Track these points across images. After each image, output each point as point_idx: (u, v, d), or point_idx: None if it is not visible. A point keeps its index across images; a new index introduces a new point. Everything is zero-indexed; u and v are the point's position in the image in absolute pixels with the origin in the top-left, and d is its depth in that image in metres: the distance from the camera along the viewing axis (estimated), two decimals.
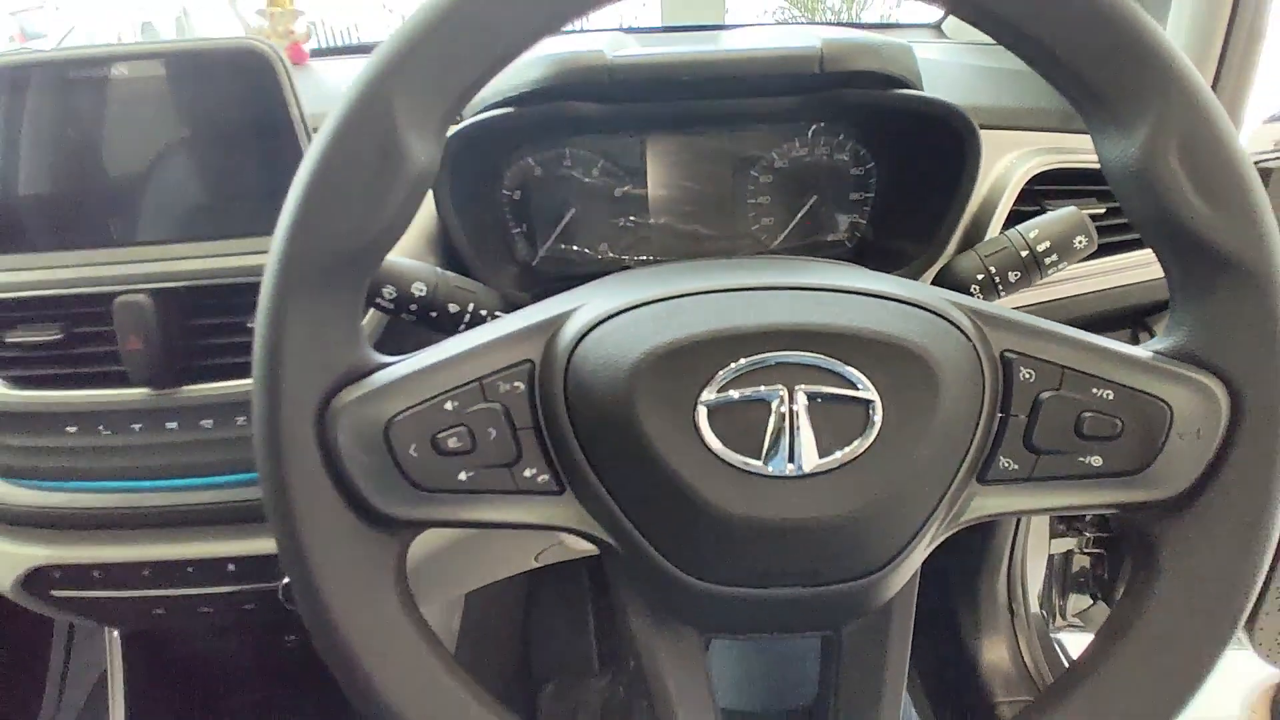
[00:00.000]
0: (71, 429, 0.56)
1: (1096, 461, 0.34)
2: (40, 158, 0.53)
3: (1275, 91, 0.94)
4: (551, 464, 0.34)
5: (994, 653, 1.09)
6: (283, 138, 0.52)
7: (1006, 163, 0.61)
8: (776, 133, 0.64)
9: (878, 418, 0.32)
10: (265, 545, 0.60)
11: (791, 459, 0.32)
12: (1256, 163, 0.75)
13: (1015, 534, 1.07)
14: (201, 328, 0.55)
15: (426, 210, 0.57)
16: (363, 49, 0.96)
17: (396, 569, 0.34)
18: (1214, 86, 0.64)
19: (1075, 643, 1.19)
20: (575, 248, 0.65)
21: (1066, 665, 1.13)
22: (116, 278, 0.53)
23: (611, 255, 0.66)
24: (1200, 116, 0.31)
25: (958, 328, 0.34)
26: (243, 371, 0.55)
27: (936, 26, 0.95)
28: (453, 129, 0.54)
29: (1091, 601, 1.17)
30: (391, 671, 0.33)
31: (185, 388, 0.55)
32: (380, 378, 0.33)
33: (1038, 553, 1.11)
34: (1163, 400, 0.33)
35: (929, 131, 0.58)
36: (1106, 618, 0.37)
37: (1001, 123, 0.62)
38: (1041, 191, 0.60)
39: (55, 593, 0.62)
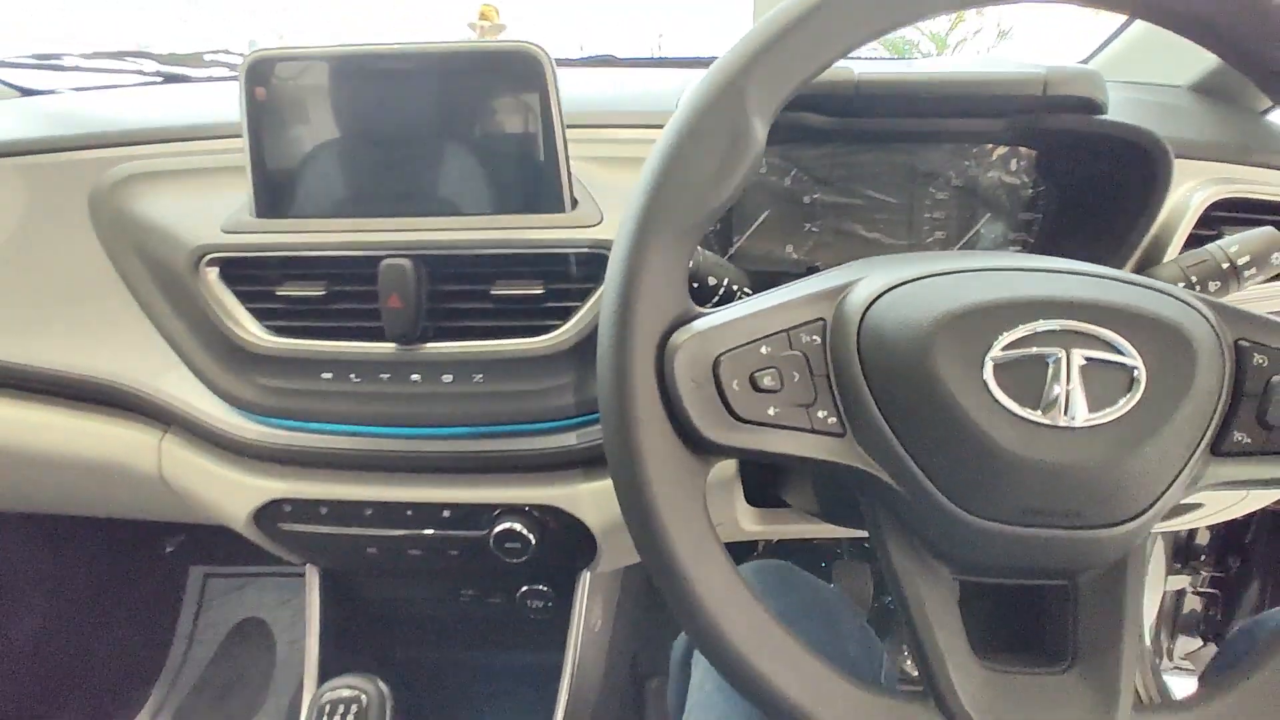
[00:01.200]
0: (326, 375, 0.63)
1: None
2: (318, 138, 0.62)
3: None
4: (838, 408, 0.39)
5: None
6: (540, 129, 0.59)
7: (1184, 190, 0.65)
8: (958, 152, 0.69)
9: (1142, 381, 0.37)
10: (480, 495, 0.66)
11: (1066, 412, 0.36)
12: None
13: None
14: (451, 293, 0.62)
15: None
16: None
17: (704, 493, 0.39)
18: None
19: (1180, 687, 1.18)
20: (766, 246, 0.71)
21: None
22: (384, 244, 0.61)
23: (795, 257, 0.72)
24: None
25: (1200, 314, 0.39)
26: (482, 334, 0.62)
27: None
28: None
29: (1201, 643, 1.17)
30: (706, 587, 0.38)
31: (430, 344, 0.62)
32: (706, 322, 0.39)
33: (1152, 590, 1.12)
34: None
35: (1113, 157, 0.62)
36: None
37: (1178, 153, 0.66)
38: (1220, 218, 0.64)
39: (283, 525, 0.69)
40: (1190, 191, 0.65)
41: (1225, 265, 0.53)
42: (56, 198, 0.70)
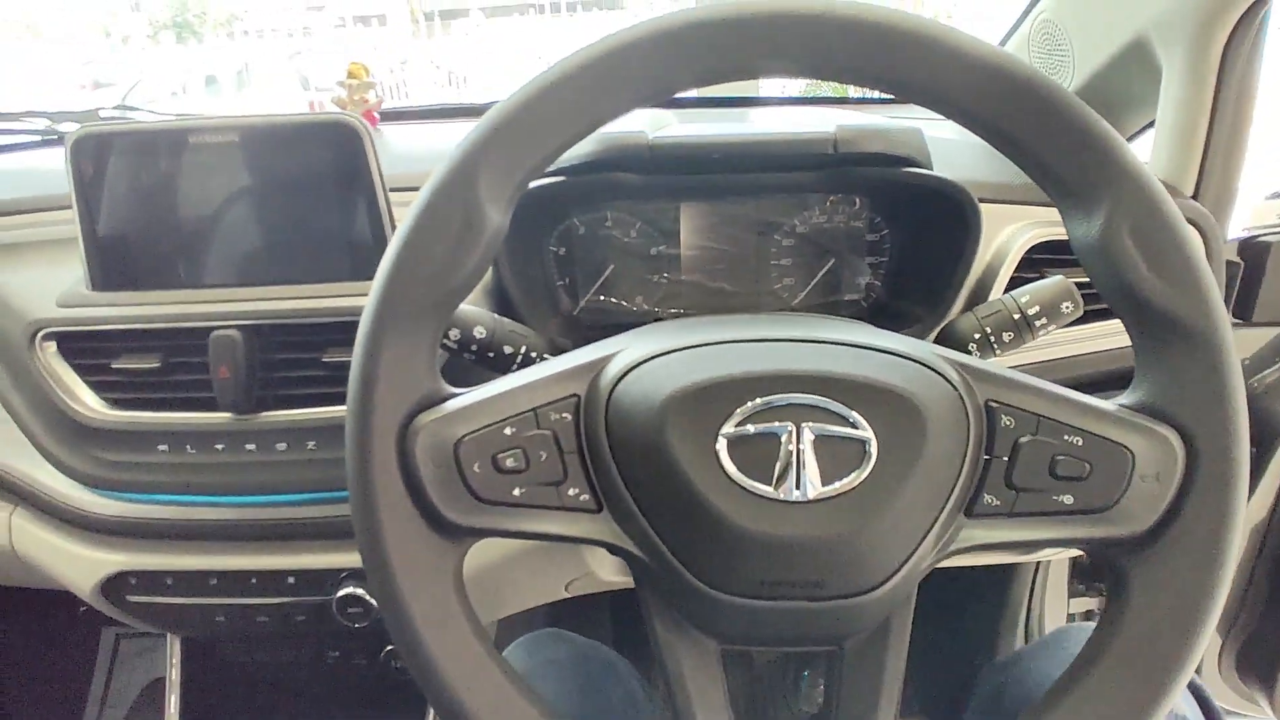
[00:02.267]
0: (162, 447, 0.63)
1: (1069, 499, 0.39)
2: (149, 211, 0.62)
3: (1277, 169, 0.99)
4: (592, 485, 0.40)
5: None
6: (363, 197, 0.60)
7: (1008, 233, 0.67)
8: (798, 202, 0.71)
9: (873, 453, 0.37)
10: (322, 560, 0.66)
11: (798, 486, 0.37)
12: (1256, 238, 0.81)
13: (1032, 591, 1.10)
14: (281, 361, 0.62)
15: None
16: (427, 113, 1.05)
17: (455, 571, 0.39)
18: (1202, 168, 0.69)
19: None
20: (613, 300, 0.72)
21: None
22: (212, 314, 0.61)
23: (645, 307, 0.72)
24: (1149, 203, 0.37)
25: (945, 379, 0.40)
26: (314, 401, 0.62)
27: None
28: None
29: None
30: (449, 658, 0.38)
31: (263, 414, 0.62)
32: (451, 405, 0.39)
33: (1055, 611, 1.13)
34: (1126, 447, 0.38)
35: (936, 204, 0.64)
36: (1085, 645, 0.41)
37: (1004, 197, 0.68)
38: (1041, 260, 0.66)
39: (131, 598, 0.69)
40: (1013, 235, 0.66)
41: (1016, 316, 0.54)
42: None
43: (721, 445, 0.37)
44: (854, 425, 0.38)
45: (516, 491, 0.39)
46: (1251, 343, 0.81)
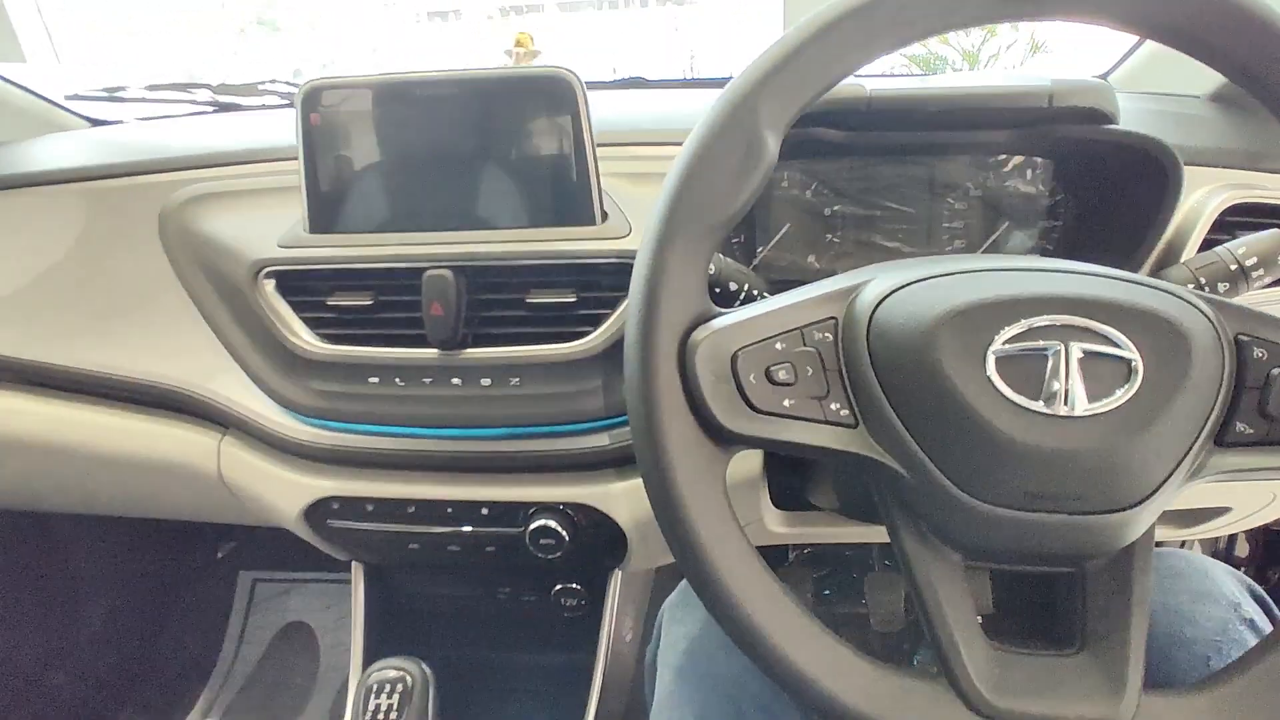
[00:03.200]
0: (373, 379, 0.67)
1: None
2: (366, 158, 0.66)
3: None
4: (850, 401, 0.42)
5: None
6: (572, 147, 0.63)
7: (1198, 196, 0.67)
8: (975, 163, 0.71)
9: (1139, 374, 0.39)
10: (516, 493, 0.70)
11: (1066, 401, 0.39)
12: None
13: None
14: (489, 302, 0.66)
15: None
16: None
17: (724, 477, 0.42)
18: None
19: None
20: (788, 256, 0.74)
21: None
22: (426, 256, 0.65)
23: (818, 266, 0.74)
24: None
25: (1199, 310, 0.41)
26: (518, 340, 0.65)
27: (1103, 78, 1.01)
28: None
29: None
30: (720, 555, 0.41)
31: (469, 350, 0.66)
32: (724, 320, 0.42)
33: None
34: None
35: (1127, 165, 0.64)
36: None
37: (1193, 159, 0.68)
38: (1235, 223, 0.66)
39: (332, 523, 0.74)
40: (1205, 197, 0.66)
41: (1233, 267, 0.55)
42: (127, 218, 0.75)
43: (991, 362, 0.39)
44: (1120, 346, 0.39)
45: (786, 403, 0.41)
46: None
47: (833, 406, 0.42)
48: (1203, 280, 0.55)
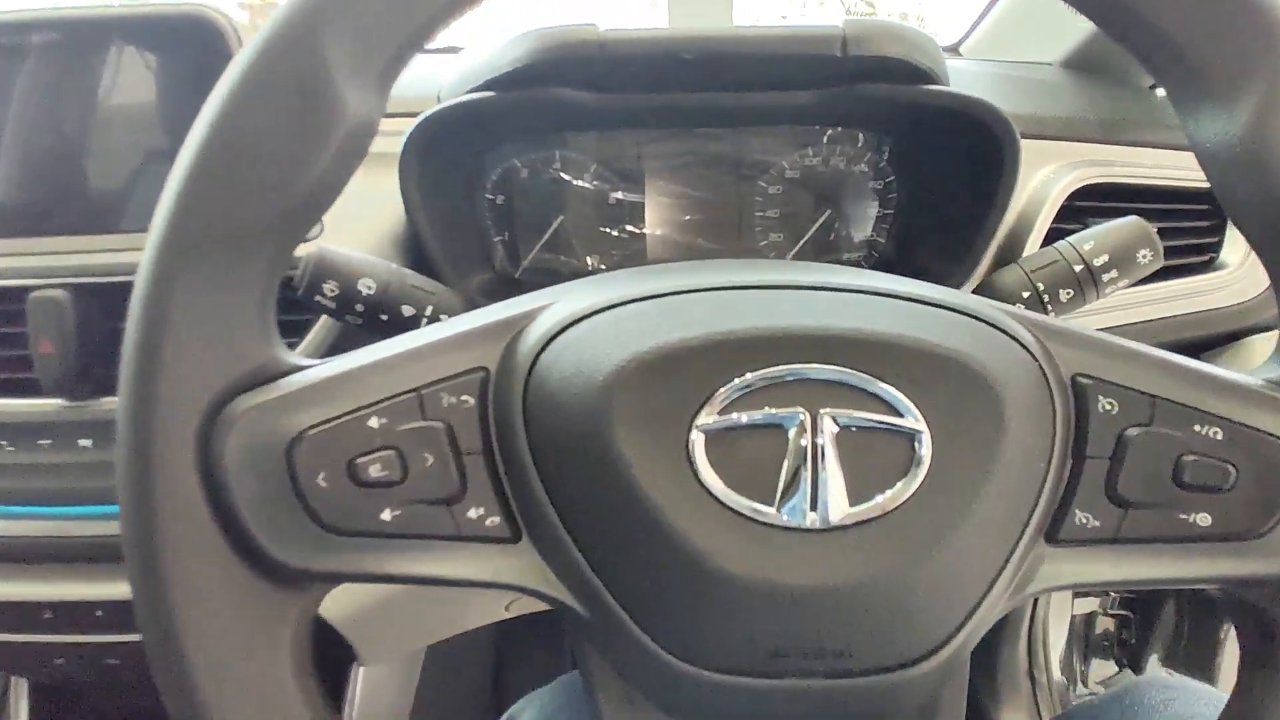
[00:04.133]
0: None
1: (1203, 520, 0.26)
2: None
3: None
4: (505, 503, 0.27)
5: None
6: None
7: (1044, 176, 0.55)
8: (788, 138, 0.58)
9: (926, 454, 0.25)
10: None
11: (814, 506, 0.24)
12: None
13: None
14: (121, 331, 0.48)
15: (394, 209, 0.51)
16: None
17: (295, 637, 0.26)
18: None
19: None
20: (563, 258, 0.59)
21: None
22: (32, 270, 0.47)
23: (602, 268, 0.59)
24: None
25: (1020, 343, 0.27)
26: None
27: (954, 49, 0.90)
28: (426, 113, 0.47)
29: (1117, 669, 1.09)
30: None
31: (104, 399, 0.48)
32: (290, 383, 0.26)
33: (1059, 614, 1.03)
34: None
35: (958, 137, 0.52)
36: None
37: (1037, 131, 0.56)
38: (1086, 209, 0.54)
39: None
40: (1051, 177, 0.54)
41: (1078, 267, 0.42)
42: None
43: (697, 443, 0.25)
44: (898, 411, 0.25)
45: (386, 515, 0.25)
46: None
47: (471, 514, 0.26)
48: (1040, 287, 0.43)
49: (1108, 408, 0.27)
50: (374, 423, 0.25)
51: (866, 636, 0.25)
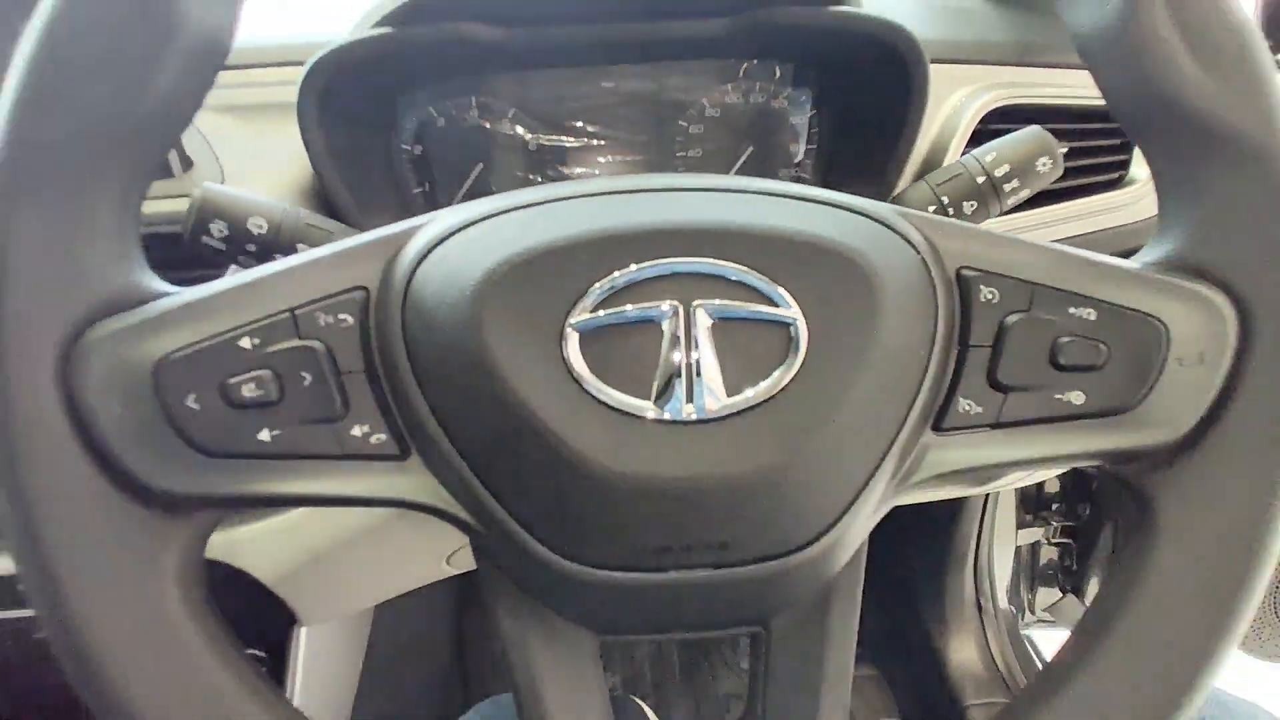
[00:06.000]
0: None
1: (1077, 398, 0.27)
2: None
3: None
4: (391, 420, 0.26)
5: (963, 652, 1.03)
6: None
7: (958, 100, 0.55)
8: (708, 74, 0.57)
9: (802, 342, 0.25)
10: None
11: (691, 398, 0.25)
12: None
13: (981, 523, 1.02)
14: None
15: (305, 164, 0.50)
16: None
17: (181, 564, 0.26)
18: None
19: (1047, 640, 1.14)
20: None
21: (1039, 664, 1.08)
22: None
23: None
24: None
25: (903, 237, 0.27)
26: None
27: None
28: (319, 53, 0.46)
29: (1060, 595, 1.12)
30: (162, 694, 0.25)
31: None
32: (155, 307, 0.25)
33: (1004, 544, 1.06)
34: (1156, 319, 0.27)
35: (874, 67, 0.52)
36: (1094, 598, 0.30)
37: (949, 55, 0.56)
38: (999, 131, 0.54)
39: None
40: (966, 100, 0.55)
41: (980, 179, 0.43)
42: None
43: (571, 341, 0.25)
44: (773, 302, 0.25)
45: (265, 435, 0.25)
46: None
47: (355, 431, 0.26)
48: (945, 200, 0.43)
49: (989, 297, 0.27)
50: (245, 343, 0.25)
51: (748, 526, 0.25)
